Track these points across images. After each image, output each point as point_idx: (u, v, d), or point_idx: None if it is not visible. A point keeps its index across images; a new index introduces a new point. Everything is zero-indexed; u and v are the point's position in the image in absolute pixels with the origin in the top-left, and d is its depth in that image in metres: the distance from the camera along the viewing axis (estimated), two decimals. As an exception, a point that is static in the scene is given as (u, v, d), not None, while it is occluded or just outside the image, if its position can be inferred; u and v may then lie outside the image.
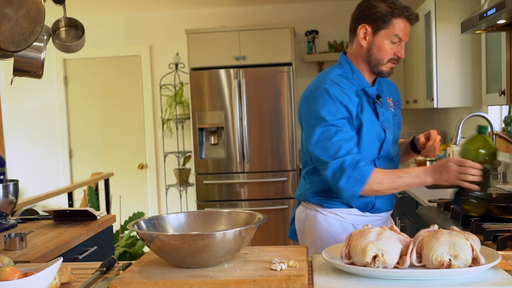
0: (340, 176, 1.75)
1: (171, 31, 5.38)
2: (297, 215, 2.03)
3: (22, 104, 5.56)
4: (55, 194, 3.64)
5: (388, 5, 1.82)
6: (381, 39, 1.85)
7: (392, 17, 1.82)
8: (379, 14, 1.82)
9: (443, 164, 1.74)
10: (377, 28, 1.84)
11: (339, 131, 1.79)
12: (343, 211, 1.92)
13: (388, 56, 1.88)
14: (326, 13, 5.27)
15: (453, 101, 3.78)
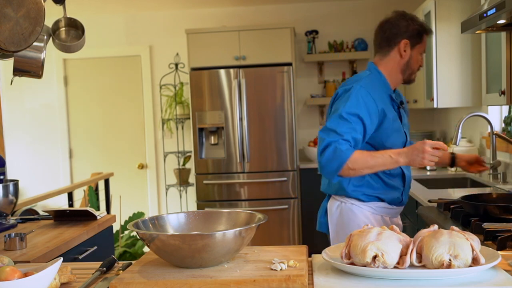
0: (325, 153, 1.96)
1: (171, 31, 5.38)
2: (330, 208, 2.21)
3: (22, 104, 5.56)
4: (55, 194, 3.64)
5: (418, 24, 2.15)
6: (416, 52, 2.16)
7: (423, 34, 2.15)
8: (415, 32, 2.13)
9: (419, 147, 1.92)
10: (414, 43, 2.14)
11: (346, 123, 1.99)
12: (376, 204, 2.17)
13: (418, 66, 2.19)
14: (326, 13, 5.27)
15: (453, 101, 3.79)
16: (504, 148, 3.33)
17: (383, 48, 2.17)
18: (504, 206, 1.88)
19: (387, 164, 1.98)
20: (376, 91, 2.08)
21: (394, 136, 2.11)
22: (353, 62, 5.22)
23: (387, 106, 2.09)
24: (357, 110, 2.00)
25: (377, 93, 2.08)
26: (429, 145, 1.90)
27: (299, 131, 5.23)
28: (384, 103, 2.08)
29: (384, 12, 5.54)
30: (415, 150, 1.92)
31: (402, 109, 2.18)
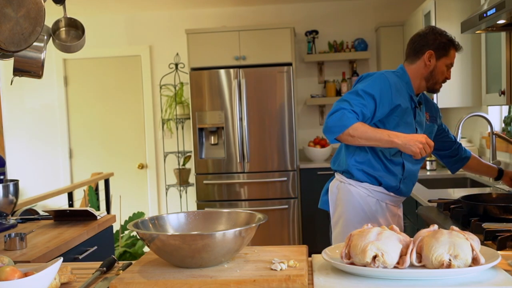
0: (332, 116, 2.13)
1: (171, 31, 5.38)
2: (331, 187, 2.40)
3: (22, 104, 5.56)
4: (55, 194, 3.64)
5: (447, 38, 2.30)
6: (441, 64, 2.29)
7: (451, 48, 2.29)
8: (443, 45, 2.28)
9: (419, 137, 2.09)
10: (440, 55, 2.28)
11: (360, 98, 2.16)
12: (372, 187, 2.30)
13: (442, 78, 2.32)
14: (326, 13, 5.27)
15: (453, 101, 3.79)
16: (504, 148, 3.33)
17: (411, 57, 2.36)
18: (504, 206, 1.88)
19: (382, 141, 2.12)
20: (397, 84, 2.25)
21: (403, 128, 2.23)
22: (353, 62, 5.22)
23: (403, 100, 2.24)
24: (372, 91, 2.17)
25: (397, 86, 2.24)
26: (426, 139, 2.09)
27: (299, 131, 5.23)
28: (401, 97, 2.24)
29: (384, 12, 5.56)
30: (414, 137, 2.09)
31: (419, 109, 2.34)
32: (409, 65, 2.37)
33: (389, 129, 2.23)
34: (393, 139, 2.11)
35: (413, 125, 2.30)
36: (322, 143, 5.04)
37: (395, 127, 2.23)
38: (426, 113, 2.45)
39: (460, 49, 2.34)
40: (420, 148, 2.08)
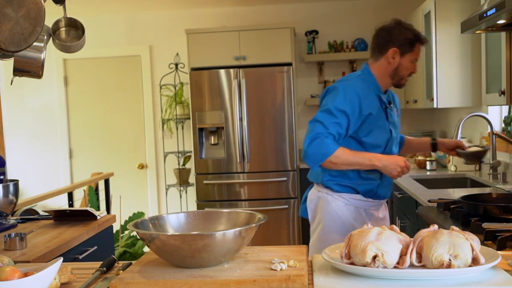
0: (312, 144, 2.16)
1: (171, 31, 5.38)
2: (309, 196, 2.42)
3: (22, 104, 5.56)
4: (55, 194, 3.64)
5: (412, 32, 2.26)
6: (406, 60, 2.27)
7: (416, 43, 2.26)
8: (408, 40, 2.24)
9: (398, 161, 2.16)
10: (404, 51, 2.26)
11: (333, 117, 2.18)
12: (349, 196, 2.30)
13: (408, 73, 2.30)
14: (326, 13, 5.27)
15: (453, 101, 3.79)
16: (504, 148, 3.33)
17: (375, 54, 2.33)
18: (504, 206, 1.88)
19: (363, 165, 2.18)
20: (364, 90, 2.23)
21: (377, 132, 2.25)
22: (353, 62, 5.22)
23: (373, 104, 2.23)
24: (344, 107, 2.18)
25: (364, 92, 2.23)
26: (404, 163, 2.17)
27: (299, 131, 5.23)
28: (370, 102, 2.22)
29: (384, 12, 5.57)
30: (394, 161, 2.17)
31: (390, 109, 2.31)
32: (374, 63, 2.34)
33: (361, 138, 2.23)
34: (374, 162, 2.16)
35: (386, 127, 2.29)
36: (322, 143, 5.03)
37: (368, 134, 2.24)
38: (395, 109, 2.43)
39: (426, 43, 2.31)
40: (399, 172, 2.17)
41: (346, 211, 2.30)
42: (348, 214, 2.30)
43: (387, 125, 2.29)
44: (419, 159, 4.08)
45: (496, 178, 3.13)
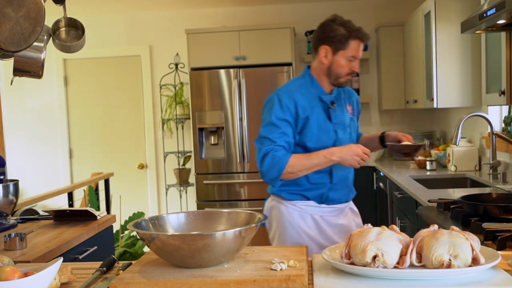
0: (264, 162, 2.09)
1: (171, 31, 5.38)
2: (266, 206, 2.38)
3: (22, 104, 5.56)
4: (55, 194, 3.64)
5: (345, 28, 2.15)
6: (339, 58, 2.17)
7: (349, 39, 2.14)
8: (339, 37, 2.14)
9: (354, 149, 2.09)
10: (337, 49, 2.16)
11: (277, 129, 2.13)
12: (301, 203, 2.24)
13: (345, 71, 2.19)
14: (326, 13, 5.21)
15: (453, 101, 3.79)
16: (504, 148, 3.33)
17: (313, 53, 2.29)
18: (504, 206, 1.88)
19: (321, 164, 2.11)
20: (299, 93, 2.18)
21: (320, 136, 2.18)
22: (353, 62, 5.21)
23: (311, 107, 2.17)
24: (283, 115, 2.13)
25: (300, 95, 2.17)
26: (361, 149, 2.08)
27: (299, 131, 5.23)
28: (307, 105, 2.17)
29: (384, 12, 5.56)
30: (350, 150, 2.09)
31: (333, 110, 2.21)
32: (312, 63, 2.28)
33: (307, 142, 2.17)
34: (331, 158, 2.09)
35: (329, 129, 2.20)
36: (322, 143, 5.03)
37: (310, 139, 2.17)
38: (348, 106, 2.33)
39: (364, 38, 2.17)
40: (358, 160, 2.08)
41: (299, 220, 2.23)
42: (301, 222, 2.22)
43: (330, 126, 2.20)
44: (419, 159, 4.08)
45: (496, 178, 3.13)
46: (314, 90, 2.22)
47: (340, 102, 2.27)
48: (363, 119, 5.29)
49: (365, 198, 4.64)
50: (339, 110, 2.25)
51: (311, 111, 2.16)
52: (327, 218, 2.26)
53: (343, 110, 2.27)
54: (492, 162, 3.06)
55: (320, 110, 2.19)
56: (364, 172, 4.62)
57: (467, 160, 3.70)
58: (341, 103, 2.28)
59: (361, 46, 2.18)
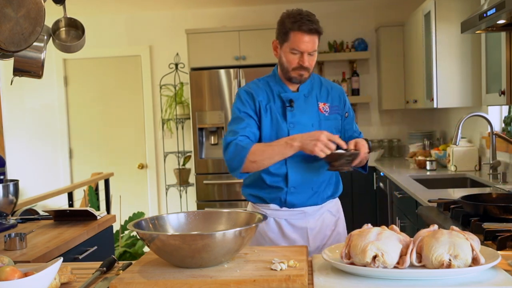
0: (227, 152, 2.03)
1: (171, 31, 5.38)
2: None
3: (22, 104, 5.56)
4: (55, 194, 3.64)
5: (289, 20, 2.07)
6: (284, 51, 2.07)
7: (290, 32, 2.05)
8: (282, 30, 2.08)
9: (315, 134, 1.92)
10: (282, 42, 2.09)
11: (241, 121, 2.09)
12: (264, 207, 2.16)
13: (292, 66, 2.06)
14: (326, 13, 5.26)
15: (453, 101, 3.79)
16: (504, 148, 3.33)
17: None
18: (504, 206, 1.88)
19: (282, 150, 1.96)
20: (261, 91, 2.12)
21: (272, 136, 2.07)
22: (353, 62, 5.22)
23: (270, 105, 2.10)
24: (245, 109, 2.10)
25: (261, 92, 2.12)
26: (325, 136, 1.90)
27: (299, 131, 5.23)
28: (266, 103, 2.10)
29: (384, 12, 5.56)
30: (310, 136, 1.93)
31: (291, 109, 2.08)
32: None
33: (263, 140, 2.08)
34: (292, 143, 1.95)
35: (283, 129, 2.07)
36: (322, 143, 5.03)
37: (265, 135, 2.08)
38: (324, 104, 2.15)
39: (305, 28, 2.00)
40: (321, 148, 1.89)
41: (265, 226, 2.13)
42: (265, 226, 2.13)
43: (284, 126, 2.07)
44: (419, 159, 4.08)
45: (496, 178, 3.13)
46: (276, 87, 2.13)
47: (308, 100, 2.13)
48: (363, 119, 5.30)
49: (365, 198, 4.64)
50: (301, 109, 2.10)
51: (267, 109, 2.10)
52: (292, 221, 2.13)
53: (308, 109, 2.12)
54: (492, 162, 3.06)
55: (278, 108, 2.10)
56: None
57: (467, 160, 3.70)
58: (310, 101, 2.13)
59: (305, 37, 2.02)
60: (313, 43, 2.04)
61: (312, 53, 2.05)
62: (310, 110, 2.12)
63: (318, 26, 2.05)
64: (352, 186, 4.61)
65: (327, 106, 2.15)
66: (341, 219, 2.25)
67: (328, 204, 2.20)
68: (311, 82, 2.16)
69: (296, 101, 2.10)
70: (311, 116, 2.11)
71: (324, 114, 2.13)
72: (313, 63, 2.08)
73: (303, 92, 2.13)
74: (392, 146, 5.14)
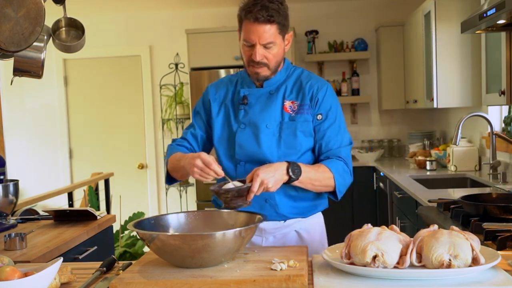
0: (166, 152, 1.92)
1: (171, 31, 5.38)
2: None
3: (22, 104, 5.56)
4: (55, 194, 3.64)
5: (242, 7, 1.76)
6: (241, 44, 1.80)
7: (242, 21, 1.76)
8: (238, 19, 1.79)
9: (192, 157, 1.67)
10: (240, 32, 1.81)
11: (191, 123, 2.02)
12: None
13: (246, 59, 1.80)
14: (326, 13, 5.27)
15: (453, 101, 3.79)
16: (504, 148, 3.33)
17: None
18: (504, 206, 1.88)
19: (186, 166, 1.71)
20: (223, 86, 1.93)
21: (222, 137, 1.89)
22: (353, 62, 5.22)
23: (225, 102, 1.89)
24: (199, 108, 1.98)
25: (223, 89, 1.93)
26: (200, 160, 1.65)
27: (299, 131, 5.23)
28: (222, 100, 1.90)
29: (384, 12, 5.55)
30: (188, 158, 1.70)
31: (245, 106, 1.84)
32: None
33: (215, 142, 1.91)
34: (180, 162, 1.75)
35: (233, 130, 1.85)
36: (322, 143, 5.03)
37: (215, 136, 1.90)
38: (292, 102, 1.83)
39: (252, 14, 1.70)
40: (198, 172, 1.65)
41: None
42: None
43: (235, 126, 1.85)
44: (419, 159, 4.08)
45: (496, 178, 3.13)
46: (242, 82, 1.90)
47: (272, 97, 1.85)
48: (363, 118, 5.30)
49: (365, 198, 4.64)
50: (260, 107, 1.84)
51: (222, 107, 1.90)
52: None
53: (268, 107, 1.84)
54: (492, 162, 3.06)
55: (234, 105, 1.88)
56: (364, 172, 4.62)
57: (467, 160, 3.70)
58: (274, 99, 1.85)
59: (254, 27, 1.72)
60: (267, 34, 1.72)
61: (268, 45, 1.74)
62: (271, 109, 1.83)
63: (273, 14, 1.71)
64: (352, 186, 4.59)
65: (296, 105, 1.83)
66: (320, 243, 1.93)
67: (297, 224, 1.87)
68: (286, 77, 1.88)
69: (257, 98, 1.85)
70: (270, 116, 1.82)
71: (290, 114, 1.82)
72: (273, 59, 1.78)
73: (268, 89, 1.85)
74: (392, 146, 5.14)
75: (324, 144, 1.84)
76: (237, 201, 1.58)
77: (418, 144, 4.62)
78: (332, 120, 1.85)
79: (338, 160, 1.84)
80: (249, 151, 1.82)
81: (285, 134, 1.81)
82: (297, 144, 1.82)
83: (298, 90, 1.86)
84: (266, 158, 1.80)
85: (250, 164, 1.81)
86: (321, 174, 1.78)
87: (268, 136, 1.81)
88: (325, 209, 1.98)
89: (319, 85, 1.86)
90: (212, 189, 1.65)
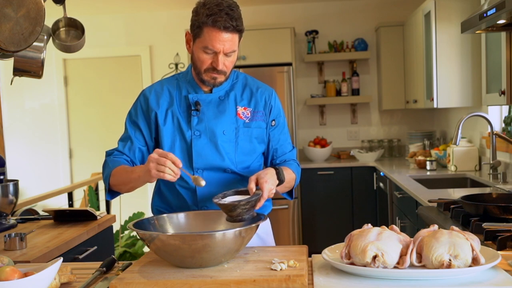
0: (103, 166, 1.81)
1: (171, 31, 5.38)
2: None
3: (22, 104, 5.56)
4: (55, 194, 3.64)
5: (205, 12, 1.66)
6: (197, 48, 1.72)
7: (203, 26, 1.66)
8: (196, 22, 1.69)
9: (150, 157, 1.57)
10: (194, 36, 1.72)
11: (126, 132, 1.85)
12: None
13: (204, 66, 1.72)
14: (326, 13, 5.27)
15: (453, 101, 3.79)
16: (504, 148, 3.33)
17: None
18: (504, 206, 1.88)
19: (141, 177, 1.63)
20: (163, 92, 1.82)
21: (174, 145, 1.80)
22: (353, 62, 5.22)
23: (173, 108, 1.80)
24: (135, 117, 1.83)
25: (164, 95, 1.82)
26: (156, 153, 1.55)
27: (299, 131, 5.23)
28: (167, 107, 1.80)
29: (385, 12, 5.56)
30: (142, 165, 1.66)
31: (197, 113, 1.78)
32: None
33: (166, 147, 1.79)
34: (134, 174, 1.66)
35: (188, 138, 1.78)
36: (322, 143, 5.04)
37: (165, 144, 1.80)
38: (245, 108, 1.82)
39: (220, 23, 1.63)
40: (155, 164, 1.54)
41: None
42: None
43: (188, 134, 1.77)
44: (419, 159, 4.08)
45: (496, 178, 3.13)
46: (186, 87, 1.82)
47: (223, 103, 1.81)
48: (363, 118, 5.30)
49: (365, 198, 4.65)
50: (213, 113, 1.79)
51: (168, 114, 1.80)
52: None
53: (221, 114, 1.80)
54: (492, 162, 3.06)
55: (183, 112, 1.80)
56: (364, 172, 4.62)
57: (467, 160, 3.70)
58: (226, 105, 1.81)
59: (221, 36, 1.65)
60: (231, 43, 1.68)
61: (230, 54, 1.70)
62: (225, 115, 1.79)
63: (239, 23, 1.68)
64: (352, 186, 4.61)
65: (249, 112, 1.83)
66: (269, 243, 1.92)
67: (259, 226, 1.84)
68: (232, 82, 1.85)
69: (207, 104, 1.79)
70: (225, 122, 1.78)
71: (244, 121, 1.81)
72: (230, 66, 1.75)
73: (218, 94, 1.81)
74: (392, 146, 5.14)
75: (279, 148, 1.90)
76: (249, 212, 1.52)
77: (418, 144, 4.62)
78: (282, 125, 1.91)
79: (294, 161, 1.92)
80: (208, 159, 1.78)
81: (241, 140, 1.81)
82: (252, 150, 1.84)
83: (250, 96, 1.85)
84: (226, 165, 1.80)
85: (208, 171, 1.79)
86: (289, 176, 1.83)
87: (226, 143, 1.79)
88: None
89: (269, 91, 1.89)
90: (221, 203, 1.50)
